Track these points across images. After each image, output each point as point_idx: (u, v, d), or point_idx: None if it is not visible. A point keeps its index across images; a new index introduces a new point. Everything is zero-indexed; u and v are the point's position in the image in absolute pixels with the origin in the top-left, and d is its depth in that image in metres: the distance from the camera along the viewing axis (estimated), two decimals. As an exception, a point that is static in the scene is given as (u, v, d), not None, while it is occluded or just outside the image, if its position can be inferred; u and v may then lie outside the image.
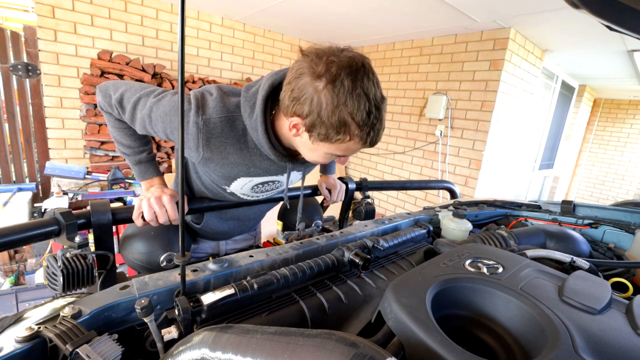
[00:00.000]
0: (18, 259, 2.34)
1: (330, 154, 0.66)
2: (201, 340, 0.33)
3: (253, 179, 0.81)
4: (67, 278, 0.58)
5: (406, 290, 0.42)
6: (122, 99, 0.74)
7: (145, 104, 0.71)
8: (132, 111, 0.73)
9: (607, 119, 5.32)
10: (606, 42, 2.53)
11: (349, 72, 0.57)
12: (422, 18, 2.51)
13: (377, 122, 0.61)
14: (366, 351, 0.28)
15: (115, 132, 0.81)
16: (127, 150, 0.83)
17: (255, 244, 1.21)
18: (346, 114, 0.58)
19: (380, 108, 0.61)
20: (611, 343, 0.34)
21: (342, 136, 0.60)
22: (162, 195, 0.76)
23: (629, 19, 0.46)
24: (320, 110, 0.59)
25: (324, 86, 0.57)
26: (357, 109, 0.58)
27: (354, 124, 0.59)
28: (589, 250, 0.79)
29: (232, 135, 0.70)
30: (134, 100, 0.73)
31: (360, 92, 0.57)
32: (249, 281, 0.50)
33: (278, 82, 0.68)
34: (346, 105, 0.57)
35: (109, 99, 0.75)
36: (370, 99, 0.58)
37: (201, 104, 0.68)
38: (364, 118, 0.58)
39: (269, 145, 0.69)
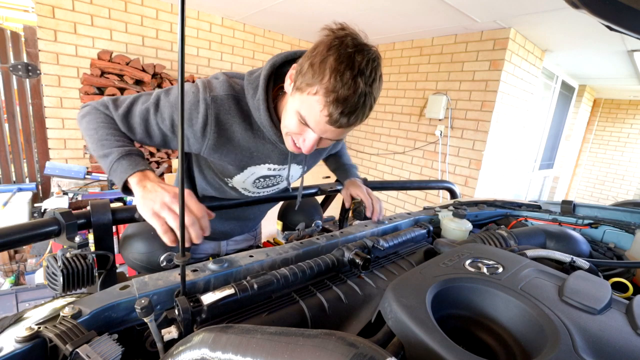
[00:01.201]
0: (18, 259, 2.34)
1: (297, 112, 0.62)
2: (201, 340, 0.33)
3: (255, 171, 0.80)
4: (67, 278, 0.58)
5: (406, 290, 0.42)
6: (118, 98, 0.72)
7: (149, 98, 0.70)
8: (129, 106, 0.70)
9: (607, 119, 5.32)
10: (606, 42, 2.53)
11: (359, 47, 0.57)
12: (422, 18, 2.51)
13: (350, 100, 0.56)
14: (366, 351, 0.28)
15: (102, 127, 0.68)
16: (114, 144, 0.66)
17: (255, 244, 1.21)
18: (330, 62, 0.56)
19: (360, 95, 0.57)
20: (611, 343, 0.34)
21: (312, 82, 0.57)
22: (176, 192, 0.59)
23: (628, 19, 0.46)
24: (312, 52, 0.58)
25: (330, 38, 0.57)
26: (342, 67, 0.55)
27: (328, 76, 0.56)
28: (589, 250, 0.79)
29: (238, 114, 0.70)
30: (133, 97, 0.71)
31: (355, 61, 0.55)
32: (249, 281, 0.50)
33: (279, 63, 0.68)
34: (335, 59, 0.55)
35: (100, 102, 0.72)
36: (358, 74, 0.56)
37: (208, 85, 0.69)
38: (342, 79, 0.55)
39: (270, 122, 0.69)
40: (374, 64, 0.58)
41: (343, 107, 0.57)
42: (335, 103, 0.56)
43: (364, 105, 0.58)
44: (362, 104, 0.58)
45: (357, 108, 0.58)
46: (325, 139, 0.66)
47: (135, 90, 2.41)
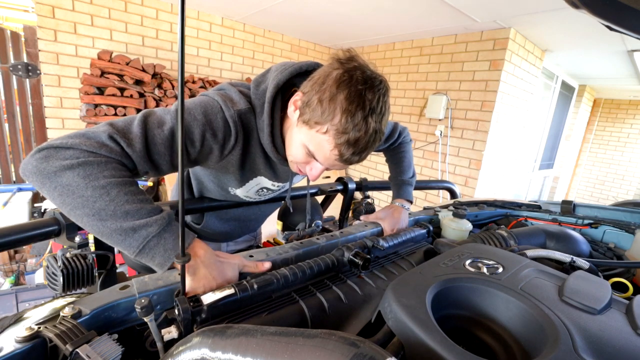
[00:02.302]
0: (18, 259, 2.34)
1: (305, 146, 0.60)
2: (201, 340, 0.33)
3: (260, 182, 0.79)
4: (67, 278, 0.58)
5: (406, 290, 0.42)
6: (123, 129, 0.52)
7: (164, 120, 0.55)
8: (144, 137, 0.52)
9: (607, 119, 5.32)
10: (606, 42, 2.53)
11: (369, 82, 0.55)
12: (422, 18, 2.51)
13: (361, 140, 0.56)
14: (366, 351, 0.28)
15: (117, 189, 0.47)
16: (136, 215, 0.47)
17: (255, 244, 1.21)
18: (340, 100, 0.54)
19: (372, 134, 0.56)
20: (611, 343, 0.34)
21: (321, 121, 0.55)
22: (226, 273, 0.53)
23: (628, 19, 0.46)
24: (321, 86, 0.56)
25: (339, 72, 0.56)
26: (353, 107, 0.54)
27: (339, 117, 0.54)
28: (589, 250, 0.79)
29: (254, 128, 0.67)
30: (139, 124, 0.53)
31: (366, 99, 0.55)
32: (249, 281, 0.50)
33: (283, 82, 0.64)
34: (346, 97, 0.54)
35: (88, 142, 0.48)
36: (369, 114, 0.55)
37: (227, 99, 0.63)
38: (352, 120, 0.54)
39: (272, 148, 0.67)
40: (384, 99, 0.57)
41: (354, 148, 0.56)
42: (347, 144, 0.56)
43: (374, 142, 0.58)
44: (373, 141, 0.58)
45: (367, 147, 0.58)
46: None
47: (135, 91, 2.41)
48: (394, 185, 1.03)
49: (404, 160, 1.04)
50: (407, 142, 1.05)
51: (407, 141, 1.05)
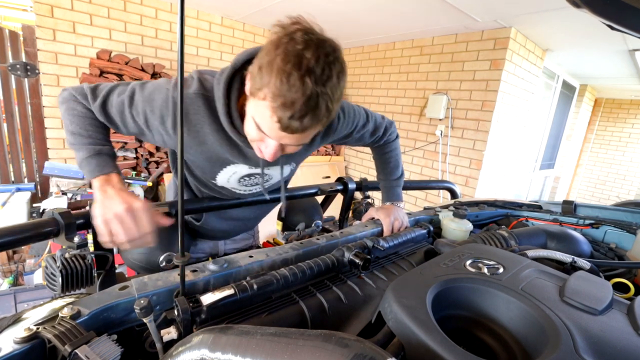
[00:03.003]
0: (17, 260, 2.34)
1: (253, 119, 0.58)
2: (201, 340, 0.33)
3: (237, 170, 0.78)
4: (66, 278, 0.58)
5: (406, 290, 0.42)
6: (97, 87, 0.69)
7: (125, 90, 0.67)
8: (105, 97, 0.67)
9: (608, 118, 5.32)
10: (607, 41, 2.53)
11: (310, 42, 0.51)
12: (422, 17, 2.51)
13: (298, 102, 0.50)
14: (366, 352, 0.28)
15: (78, 120, 0.68)
16: (86, 140, 0.67)
17: (254, 243, 1.21)
18: (277, 62, 0.50)
19: (311, 96, 0.50)
20: (612, 344, 0.34)
21: (261, 87, 0.53)
22: (132, 204, 0.60)
23: (630, 18, 0.46)
24: (263, 52, 0.54)
25: (279, 36, 0.53)
26: (289, 66, 0.49)
27: (274, 78, 0.50)
28: (590, 251, 0.78)
29: (208, 114, 0.67)
30: (110, 87, 0.68)
31: (303, 59, 0.50)
32: (249, 281, 0.50)
33: (241, 63, 0.64)
34: (282, 57, 0.50)
35: (79, 89, 0.69)
36: (306, 74, 0.49)
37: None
38: (288, 80, 0.49)
39: (232, 128, 0.65)
40: (327, 60, 0.51)
41: (291, 111, 0.51)
42: (283, 108, 0.51)
43: (317, 107, 0.52)
44: (315, 106, 0.52)
45: (307, 111, 0.52)
46: (291, 146, 0.61)
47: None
48: (383, 187, 1.04)
49: (391, 160, 1.01)
50: (393, 140, 1.01)
51: (394, 138, 1.01)
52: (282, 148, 0.61)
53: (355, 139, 0.91)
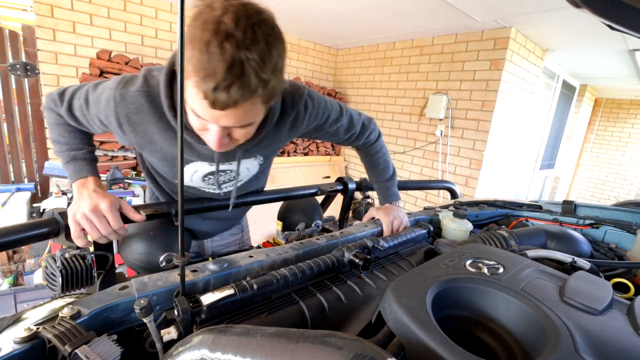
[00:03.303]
0: (17, 260, 2.34)
1: (191, 106, 0.53)
2: (200, 340, 0.33)
3: (197, 169, 0.75)
4: (66, 278, 0.58)
5: (406, 290, 0.42)
6: (64, 92, 0.70)
7: (82, 91, 0.68)
8: (69, 101, 0.68)
9: (608, 118, 5.32)
10: (607, 41, 2.53)
11: (230, 7, 0.46)
12: (422, 17, 2.51)
13: (219, 71, 0.45)
14: (366, 352, 0.28)
15: (54, 127, 0.72)
16: (64, 147, 0.72)
17: (243, 237, 1.17)
18: (197, 34, 0.46)
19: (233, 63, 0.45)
20: (612, 344, 0.34)
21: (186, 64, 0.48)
22: (98, 203, 0.62)
23: (630, 18, 0.46)
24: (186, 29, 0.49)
25: (200, 7, 0.48)
26: (207, 34, 0.45)
27: (195, 51, 0.46)
28: (590, 251, 0.78)
29: (152, 112, 0.63)
30: (73, 90, 0.69)
31: (221, 24, 0.45)
32: (249, 281, 0.50)
33: None
34: (200, 27, 0.46)
35: (51, 96, 0.71)
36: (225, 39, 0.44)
37: (125, 80, 0.64)
38: (207, 49, 0.44)
39: (173, 117, 0.61)
40: (250, 22, 0.46)
41: (214, 82, 0.45)
42: (205, 80, 0.46)
43: (244, 75, 0.46)
44: (241, 74, 0.46)
45: (233, 80, 0.46)
46: (237, 129, 0.56)
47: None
48: (378, 190, 1.01)
49: (380, 161, 0.97)
50: (376, 140, 0.95)
51: (376, 138, 0.95)
52: (226, 133, 0.56)
53: (329, 134, 0.85)
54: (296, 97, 0.71)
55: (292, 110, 0.72)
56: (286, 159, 3.34)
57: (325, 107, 0.78)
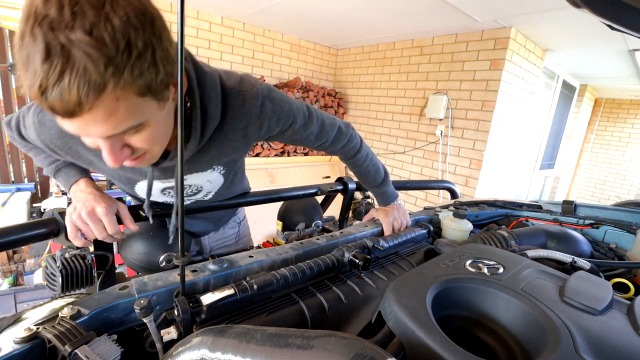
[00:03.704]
0: (17, 260, 2.34)
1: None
2: (200, 341, 0.33)
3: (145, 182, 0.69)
4: (66, 278, 0.58)
5: (406, 290, 0.42)
6: (10, 120, 0.68)
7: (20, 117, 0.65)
8: (17, 129, 0.67)
9: (608, 118, 5.32)
10: (607, 41, 2.53)
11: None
12: (422, 17, 2.51)
13: (34, 58, 0.34)
14: (366, 352, 0.28)
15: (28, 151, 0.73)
16: (45, 162, 0.72)
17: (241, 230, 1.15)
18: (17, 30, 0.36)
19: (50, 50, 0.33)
20: (612, 344, 0.34)
21: None
22: (95, 207, 0.61)
23: (630, 18, 0.46)
24: None
25: None
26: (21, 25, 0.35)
27: (16, 48, 0.36)
28: (590, 251, 0.78)
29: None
30: (16, 116, 0.66)
31: (34, 11, 0.34)
32: (249, 281, 0.50)
33: None
34: (20, 20, 0.35)
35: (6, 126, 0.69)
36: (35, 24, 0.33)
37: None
38: (21, 40, 0.35)
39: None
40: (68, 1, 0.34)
41: (37, 81, 0.35)
42: (27, 81, 0.35)
43: (71, 63, 0.34)
44: (66, 61, 0.34)
45: (58, 75, 0.34)
46: (130, 137, 0.45)
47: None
48: (374, 195, 0.98)
49: (369, 169, 0.91)
50: (358, 150, 0.87)
51: (358, 147, 0.87)
52: (120, 145, 0.46)
53: (298, 140, 0.76)
54: (248, 97, 0.61)
55: (242, 113, 0.61)
56: (286, 159, 3.34)
57: (289, 111, 0.68)
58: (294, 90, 3.33)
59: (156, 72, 0.40)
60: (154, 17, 0.39)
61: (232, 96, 0.60)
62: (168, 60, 0.41)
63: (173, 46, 0.42)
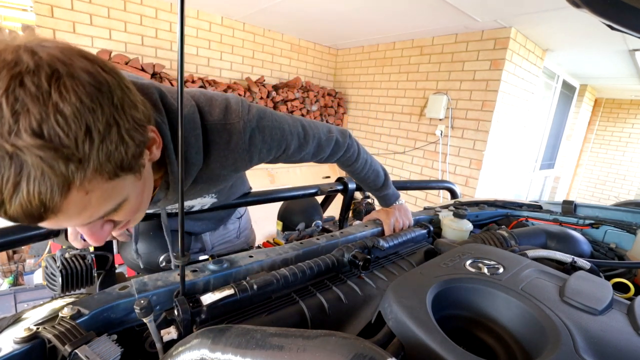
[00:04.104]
0: (17, 260, 2.34)
1: None
2: (200, 341, 0.33)
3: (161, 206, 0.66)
4: (66, 278, 0.58)
5: (406, 290, 0.42)
6: None
7: None
8: None
9: (608, 118, 5.32)
10: (607, 41, 2.53)
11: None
12: (422, 17, 2.51)
13: None
14: (366, 351, 0.28)
15: None
16: None
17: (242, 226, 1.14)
18: None
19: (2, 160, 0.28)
20: (612, 344, 0.34)
21: None
22: None
23: (630, 18, 0.45)
24: None
25: None
26: None
27: None
28: (590, 251, 0.78)
29: None
30: None
31: None
32: (249, 281, 0.50)
33: None
34: None
35: None
36: None
37: None
38: None
39: None
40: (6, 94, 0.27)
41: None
42: None
43: (25, 171, 0.29)
44: (19, 173, 0.28)
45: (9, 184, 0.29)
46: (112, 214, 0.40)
47: (135, 90, 2.41)
48: (375, 197, 0.98)
49: (369, 175, 0.89)
50: (356, 158, 0.84)
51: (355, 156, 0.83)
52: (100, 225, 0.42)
53: (293, 161, 0.74)
54: (234, 132, 0.55)
55: (228, 150, 0.56)
56: (286, 159, 3.34)
57: (281, 139, 0.63)
58: (294, 90, 3.33)
59: (126, 147, 0.35)
60: (111, 87, 0.34)
61: (216, 132, 0.54)
62: (137, 127, 0.36)
63: (139, 105, 0.38)
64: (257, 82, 3.20)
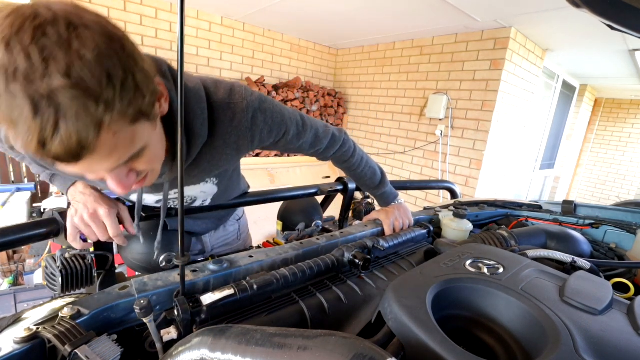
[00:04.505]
0: (17, 259, 2.34)
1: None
2: (200, 341, 0.33)
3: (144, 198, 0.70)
4: (66, 278, 0.58)
5: (406, 290, 0.42)
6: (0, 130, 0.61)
7: None
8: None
9: (608, 118, 5.32)
10: (607, 41, 2.53)
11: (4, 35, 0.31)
12: (422, 17, 2.51)
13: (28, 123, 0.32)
14: (366, 352, 0.28)
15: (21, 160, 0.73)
16: (40, 169, 0.70)
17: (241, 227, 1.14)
18: None
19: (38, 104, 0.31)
20: (612, 344, 0.34)
21: None
22: (97, 209, 0.61)
23: (630, 18, 0.45)
24: None
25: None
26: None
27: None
28: (590, 251, 0.78)
29: None
30: None
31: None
32: (249, 281, 0.50)
33: None
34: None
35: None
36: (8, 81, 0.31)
37: None
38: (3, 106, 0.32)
39: None
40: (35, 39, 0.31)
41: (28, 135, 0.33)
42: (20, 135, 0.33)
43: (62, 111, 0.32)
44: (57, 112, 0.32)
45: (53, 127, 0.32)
46: (135, 162, 0.44)
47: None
48: (374, 196, 0.98)
49: (366, 172, 0.91)
50: (351, 154, 0.87)
51: (351, 152, 0.86)
52: (125, 172, 0.45)
53: (292, 149, 0.77)
54: (238, 110, 0.59)
55: (232, 127, 0.59)
56: (286, 159, 3.34)
57: (281, 122, 0.67)
58: (294, 90, 3.33)
59: (142, 95, 0.39)
60: (121, 39, 0.38)
61: (221, 110, 0.58)
62: (148, 78, 0.40)
63: (145, 60, 0.41)
64: (257, 82, 3.20)
